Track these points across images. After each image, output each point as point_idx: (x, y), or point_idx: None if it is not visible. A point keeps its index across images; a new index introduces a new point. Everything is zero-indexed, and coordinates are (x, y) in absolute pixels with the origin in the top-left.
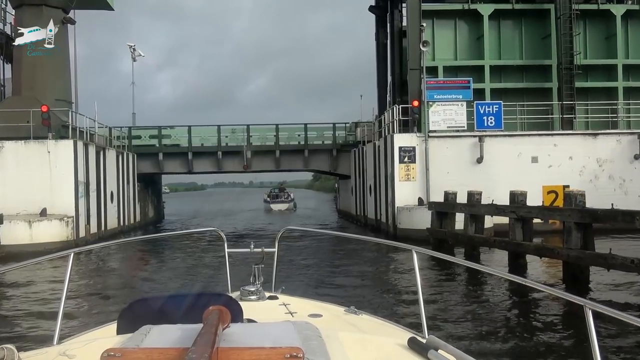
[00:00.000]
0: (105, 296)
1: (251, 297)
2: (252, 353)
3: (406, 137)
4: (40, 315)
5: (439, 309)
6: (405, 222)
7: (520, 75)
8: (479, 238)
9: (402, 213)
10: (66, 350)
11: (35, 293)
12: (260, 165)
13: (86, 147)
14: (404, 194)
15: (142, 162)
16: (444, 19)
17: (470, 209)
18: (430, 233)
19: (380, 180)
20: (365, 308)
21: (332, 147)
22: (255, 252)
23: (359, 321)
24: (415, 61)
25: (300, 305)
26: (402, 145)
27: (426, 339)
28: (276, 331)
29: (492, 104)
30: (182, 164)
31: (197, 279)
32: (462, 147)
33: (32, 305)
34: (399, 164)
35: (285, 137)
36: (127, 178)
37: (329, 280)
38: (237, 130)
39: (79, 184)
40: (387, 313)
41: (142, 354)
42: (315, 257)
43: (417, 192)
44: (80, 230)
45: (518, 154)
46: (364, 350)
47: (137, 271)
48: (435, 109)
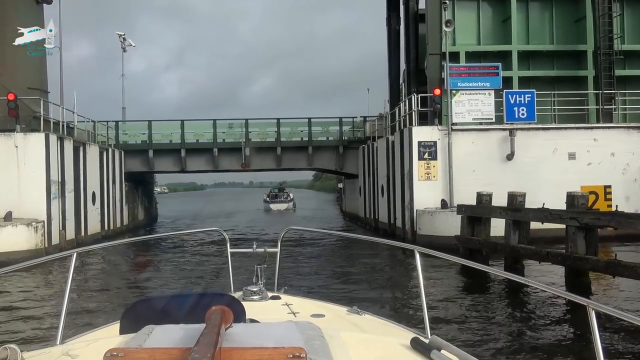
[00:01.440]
0: (107, 297)
1: (254, 297)
2: (254, 353)
3: (426, 131)
4: (43, 315)
5: (442, 309)
6: (427, 228)
7: (550, 62)
8: (527, 250)
9: (423, 217)
10: (69, 350)
11: (37, 294)
12: (260, 164)
13: (61, 141)
14: (424, 195)
15: (131, 160)
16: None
17: (513, 214)
18: (460, 241)
19: (395, 179)
20: (370, 309)
21: (338, 144)
22: (257, 252)
23: (361, 321)
24: (435, 45)
25: (303, 305)
26: (421, 140)
27: (429, 339)
28: (279, 331)
29: (523, 92)
30: (175, 161)
31: (199, 279)
32: (490, 142)
33: (35, 305)
34: (418, 161)
35: (287, 133)
36: (112, 177)
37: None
38: (235, 125)
39: (52, 183)
40: (390, 313)
41: (145, 353)
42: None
43: (439, 193)
44: (52, 237)
45: (553, 150)
46: (367, 350)
47: (138, 271)
48: (459, 98)
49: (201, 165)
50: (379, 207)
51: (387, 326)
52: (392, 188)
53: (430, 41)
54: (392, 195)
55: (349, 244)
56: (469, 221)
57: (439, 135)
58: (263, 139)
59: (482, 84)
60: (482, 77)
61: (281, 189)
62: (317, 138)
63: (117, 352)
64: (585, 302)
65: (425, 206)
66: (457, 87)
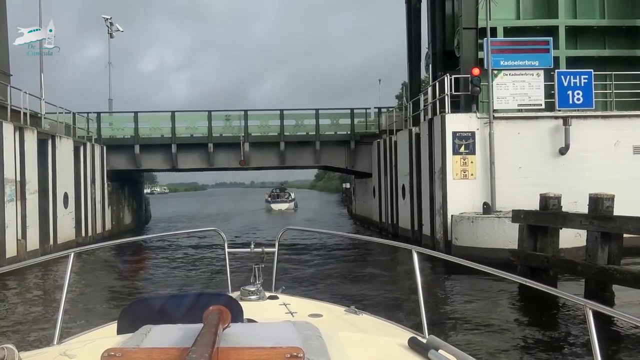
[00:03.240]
0: (105, 297)
1: (251, 297)
2: (252, 353)
3: (462, 119)
4: (41, 315)
5: (440, 309)
6: (466, 238)
7: (601, 40)
8: (624, 273)
9: (461, 225)
10: (66, 350)
11: (33, 294)
12: (261, 161)
13: (21, 132)
14: (460, 197)
15: (115, 157)
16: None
17: (602, 223)
18: (518, 257)
19: (421, 178)
20: (368, 308)
21: (349, 139)
22: (255, 251)
23: (359, 321)
24: (470, 18)
25: (301, 305)
26: (457, 130)
27: (426, 339)
28: (276, 331)
29: (579, 73)
30: (165, 158)
31: (197, 279)
32: (540, 133)
33: (32, 305)
34: (453, 155)
35: (291, 127)
36: (91, 176)
37: None
38: (233, 117)
39: (7, 183)
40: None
41: (143, 353)
42: None
43: (477, 195)
44: (7, 248)
45: (615, 143)
46: (365, 350)
47: (135, 272)
48: (502, 80)
49: (195, 163)
50: (399, 211)
51: (384, 326)
52: (417, 189)
53: (464, 13)
54: (416, 197)
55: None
56: (529, 231)
57: (477, 124)
58: (264, 133)
59: (529, 63)
60: (529, 55)
61: (282, 189)
62: (325, 132)
63: (115, 352)
64: (583, 302)
65: (460, 210)
66: (499, 67)
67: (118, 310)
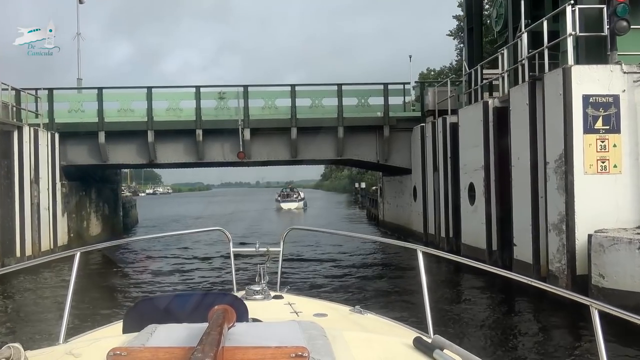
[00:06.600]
0: (109, 297)
1: (256, 296)
2: (257, 352)
3: (599, 74)
4: (46, 314)
5: (445, 309)
6: (622, 276)
7: None
8: None
9: (613, 252)
10: (72, 349)
11: (39, 293)
12: (265, 153)
13: None
14: (596, 202)
15: (74, 148)
16: None
17: None
18: None
19: (511, 174)
20: (374, 308)
21: (382, 123)
22: (260, 251)
23: (364, 321)
24: None
25: (306, 304)
26: (590, 93)
27: (432, 338)
28: (281, 330)
29: None
30: (140, 150)
31: (202, 279)
32: None
33: (37, 304)
34: (584, 135)
35: (305, 109)
36: (34, 173)
37: None
38: (229, 94)
39: None
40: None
41: (148, 353)
42: None
43: (626, 199)
44: None
45: None
46: (370, 350)
47: (140, 271)
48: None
49: (179, 156)
50: (463, 221)
51: (389, 326)
52: (500, 189)
53: None
54: (498, 203)
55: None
56: None
57: (623, 83)
58: (271, 117)
59: None
60: None
61: (292, 189)
62: (350, 115)
63: (120, 351)
64: (589, 302)
65: (597, 225)
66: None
67: (123, 310)
